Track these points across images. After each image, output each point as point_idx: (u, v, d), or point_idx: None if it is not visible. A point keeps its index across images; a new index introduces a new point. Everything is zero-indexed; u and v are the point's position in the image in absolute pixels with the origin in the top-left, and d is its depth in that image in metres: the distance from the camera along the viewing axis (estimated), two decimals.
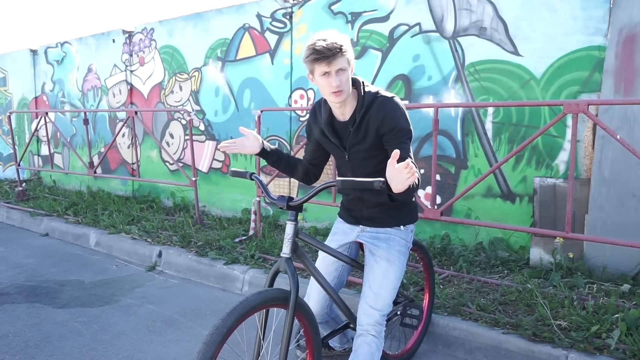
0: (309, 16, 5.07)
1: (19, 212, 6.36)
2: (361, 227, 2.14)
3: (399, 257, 2.05)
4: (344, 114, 2.01)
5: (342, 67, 1.84)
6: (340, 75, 1.83)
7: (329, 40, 1.80)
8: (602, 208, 3.44)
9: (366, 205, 2.11)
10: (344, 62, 1.84)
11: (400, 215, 2.10)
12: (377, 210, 2.08)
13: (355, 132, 1.98)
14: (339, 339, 2.41)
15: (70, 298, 3.63)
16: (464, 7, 4.10)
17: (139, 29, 6.89)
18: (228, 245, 4.41)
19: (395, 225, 2.09)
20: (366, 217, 2.12)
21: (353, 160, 2.06)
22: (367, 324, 1.94)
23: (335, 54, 1.79)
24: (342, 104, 1.96)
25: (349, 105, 1.98)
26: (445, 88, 4.24)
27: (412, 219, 2.15)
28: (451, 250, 4.04)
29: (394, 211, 2.08)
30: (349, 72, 1.88)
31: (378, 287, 1.97)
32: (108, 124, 7.48)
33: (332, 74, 1.83)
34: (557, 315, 2.74)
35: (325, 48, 1.78)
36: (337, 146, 2.07)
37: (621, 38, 3.41)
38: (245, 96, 5.70)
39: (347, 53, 1.85)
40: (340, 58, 1.82)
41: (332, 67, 1.82)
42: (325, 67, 1.82)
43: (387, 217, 2.08)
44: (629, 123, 3.36)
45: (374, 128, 1.93)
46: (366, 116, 1.94)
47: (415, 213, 2.17)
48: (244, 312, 1.63)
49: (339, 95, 1.87)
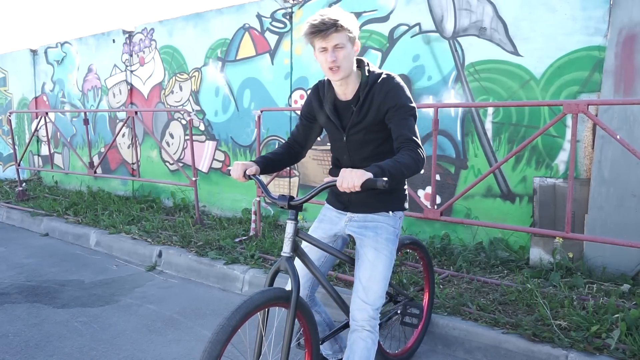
0: (309, 16, 5.07)
1: (19, 212, 6.36)
2: (349, 215, 2.10)
3: (387, 245, 1.99)
4: (345, 94, 1.99)
5: (339, 44, 1.82)
6: (337, 51, 1.82)
7: (325, 16, 1.80)
8: (601, 208, 3.44)
9: None
10: (342, 38, 1.82)
11: (389, 200, 2.05)
12: (366, 195, 2.00)
13: (358, 110, 1.95)
14: (330, 345, 2.30)
15: (70, 298, 3.63)
16: (464, 7, 4.11)
17: (139, 29, 6.89)
18: (228, 245, 4.41)
19: (384, 211, 2.04)
20: (354, 201, 2.07)
21: (351, 143, 2.02)
22: (361, 319, 1.92)
23: (329, 28, 1.78)
24: (344, 82, 1.94)
25: (351, 85, 1.96)
26: (445, 88, 4.25)
27: (400, 206, 2.09)
28: (451, 250, 4.04)
29: (383, 195, 2.03)
30: (348, 50, 1.85)
31: (367, 279, 1.94)
32: (108, 124, 7.49)
33: (329, 50, 1.82)
34: (557, 315, 2.74)
35: (320, 22, 1.79)
36: (336, 127, 2.04)
37: (621, 38, 3.41)
38: (245, 96, 5.70)
39: (346, 30, 1.82)
40: (336, 34, 1.80)
41: (329, 42, 1.81)
42: (322, 42, 1.82)
43: (375, 201, 2.03)
44: (628, 123, 3.36)
45: (377, 105, 1.91)
46: (369, 94, 1.92)
47: (404, 201, 2.12)
48: (248, 310, 1.64)
49: (336, 73, 1.86)
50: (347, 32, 1.82)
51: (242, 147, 5.77)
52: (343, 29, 1.80)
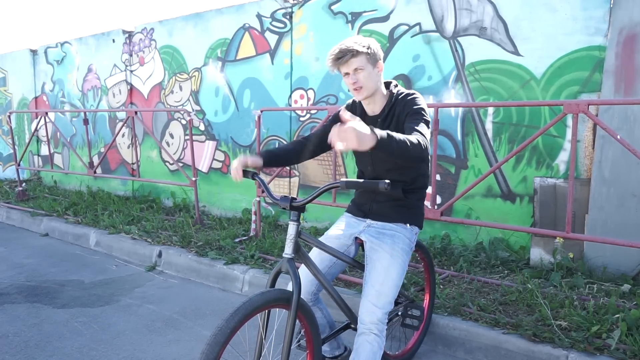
0: (309, 16, 5.07)
1: (19, 212, 6.35)
2: (368, 221, 2.20)
3: (402, 254, 2.06)
4: (374, 111, 2.16)
5: (359, 67, 1.99)
6: (357, 73, 2.00)
7: (343, 44, 1.99)
8: (602, 208, 3.44)
9: (376, 200, 2.18)
10: (360, 62, 1.98)
11: (408, 213, 2.16)
12: (387, 205, 2.16)
13: (383, 121, 2.11)
14: (329, 344, 2.33)
15: (70, 298, 3.63)
16: (464, 7, 4.10)
17: (139, 29, 6.89)
18: (228, 245, 4.41)
19: (402, 222, 2.14)
20: (375, 211, 2.19)
21: (375, 154, 2.10)
22: (369, 322, 1.94)
23: (345, 55, 1.96)
24: (371, 100, 2.11)
25: (378, 102, 2.13)
26: (445, 88, 4.25)
27: (418, 222, 2.20)
28: (451, 250, 4.04)
29: (403, 208, 2.15)
30: (369, 71, 2.01)
31: (380, 284, 1.98)
32: (108, 124, 7.48)
33: (351, 73, 2.01)
34: (558, 316, 2.74)
35: (339, 52, 1.98)
36: None
37: (621, 38, 3.41)
38: (245, 96, 5.70)
39: (363, 54, 1.98)
40: (354, 59, 1.97)
41: (349, 67, 2.00)
42: (344, 68, 2.02)
43: (395, 212, 2.15)
44: (629, 123, 3.36)
45: (397, 115, 2.07)
46: (393, 108, 2.10)
47: (421, 219, 2.22)
48: (247, 312, 1.63)
49: (359, 92, 2.04)
50: (365, 55, 1.98)
51: (242, 147, 5.76)
52: (360, 54, 1.97)
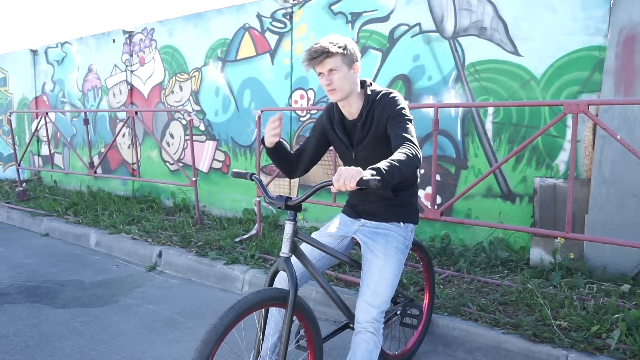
0: (309, 16, 5.07)
1: (19, 212, 6.36)
2: (362, 221, 2.20)
3: (397, 253, 2.06)
4: (351, 113, 2.12)
5: (333, 67, 1.95)
6: (332, 74, 1.96)
7: (318, 44, 1.94)
8: (602, 208, 3.44)
9: (369, 200, 2.18)
10: (335, 62, 1.94)
11: (401, 212, 2.16)
12: (379, 205, 2.16)
13: (362, 126, 2.08)
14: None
15: (70, 298, 3.63)
16: (464, 7, 4.10)
17: (139, 29, 6.89)
18: (228, 245, 4.41)
19: (395, 221, 2.14)
20: (368, 211, 2.19)
21: (359, 159, 2.13)
22: (364, 321, 1.95)
23: (319, 55, 1.92)
24: (347, 103, 2.07)
25: (354, 105, 2.09)
26: (445, 88, 4.24)
27: (412, 219, 2.20)
28: (451, 250, 4.04)
29: (395, 207, 2.15)
30: (344, 72, 1.97)
31: (375, 284, 1.99)
32: (108, 124, 7.49)
33: (325, 74, 1.97)
34: (557, 316, 2.74)
35: (313, 51, 1.94)
36: (345, 145, 2.16)
37: (621, 38, 3.41)
38: (245, 96, 5.70)
39: (338, 54, 1.94)
40: (329, 59, 1.93)
41: (324, 67, 1.96)
42: (318, 68, 1.98)
43: (388, 212, 2.15)
44: (629, 123, 3.36)
45: (377, 118, 2.03)
46: (371, 110, 2.06)
47: (415, 215, 2.22)
48: (241, 310, 1.63)
49: (333, 93, 2.00)
50: (341, 55, 1.94)
51: (242, 147, 5.76)
52: (335, 54, 1.93)
